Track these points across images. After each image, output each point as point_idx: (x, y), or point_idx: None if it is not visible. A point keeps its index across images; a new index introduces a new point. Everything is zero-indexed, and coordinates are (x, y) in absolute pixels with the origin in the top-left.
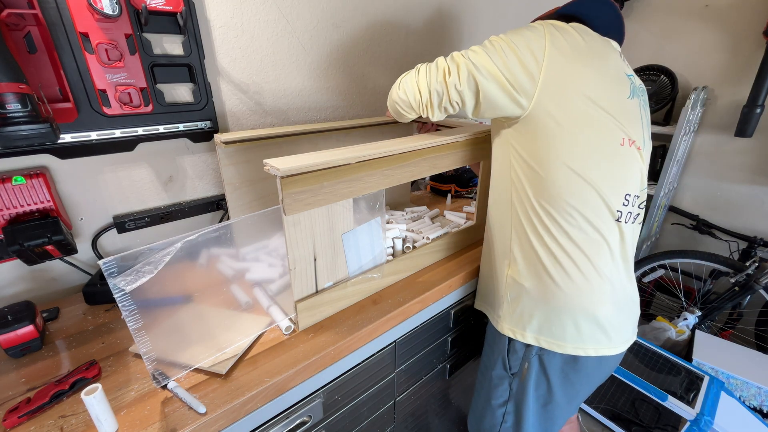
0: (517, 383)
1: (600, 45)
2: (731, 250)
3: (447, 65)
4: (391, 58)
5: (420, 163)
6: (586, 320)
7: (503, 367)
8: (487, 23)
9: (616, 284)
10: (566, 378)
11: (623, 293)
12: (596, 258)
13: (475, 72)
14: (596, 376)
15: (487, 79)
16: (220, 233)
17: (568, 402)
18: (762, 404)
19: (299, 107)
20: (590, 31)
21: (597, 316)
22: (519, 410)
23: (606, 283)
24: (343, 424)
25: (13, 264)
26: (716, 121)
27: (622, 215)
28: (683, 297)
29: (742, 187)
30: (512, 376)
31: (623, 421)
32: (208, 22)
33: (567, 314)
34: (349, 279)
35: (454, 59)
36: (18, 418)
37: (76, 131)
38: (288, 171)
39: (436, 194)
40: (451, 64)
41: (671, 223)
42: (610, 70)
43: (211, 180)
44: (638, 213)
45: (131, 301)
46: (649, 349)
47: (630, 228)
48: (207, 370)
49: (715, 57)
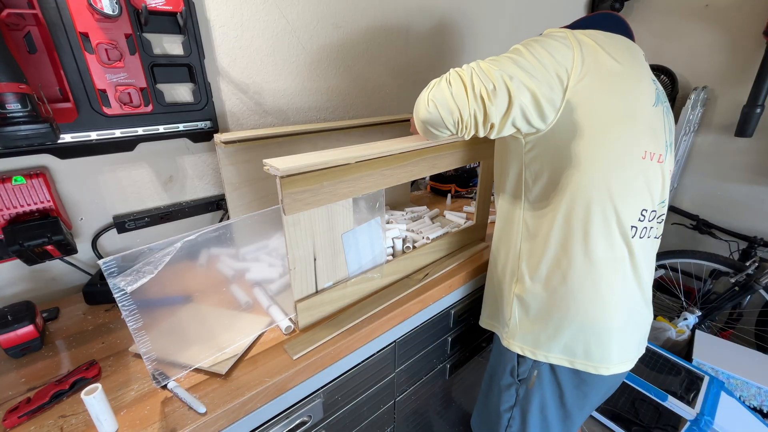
0: (524, 390)
1: (627, 51)
2: (731, 250)
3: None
4: (391, 58)
5: (420, 163)
6: (596, 337)
7: (511, 375)
8: (487, 21)
9: (629, 301)
10: (578, 388)
11: (635, 309)
12: (608, 275)
13: (510, 86)
14: (607, 387)
15: (522, 95)
16: (220, 233)
17: (579, 409)
18: (762, 404)
19: (299, 107)
20: (615, 36)
21: (608, 333)
22: (524, 416)
23: (617, 300)
24: (343, 424)
25: (13, 264)
26: (716, 121)
27: (637, 231)
28: (683, 297)
29: (742, 187)
30: (519, 382)
31: (623, 421)
32: (208, 22)
33: (576, 332)
34: (349, 279)
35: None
36: (18, 418)
37: (76, 131)
38: (288, 171)
39: (436, 194)
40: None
41: (671, 223)
42: (638, 77)
43: (211, 180)
44: (653, 227)
45: (131, 301)
46: (649, 349)
47: (643, 243)
48: (207, 370)
49: (715, 57)
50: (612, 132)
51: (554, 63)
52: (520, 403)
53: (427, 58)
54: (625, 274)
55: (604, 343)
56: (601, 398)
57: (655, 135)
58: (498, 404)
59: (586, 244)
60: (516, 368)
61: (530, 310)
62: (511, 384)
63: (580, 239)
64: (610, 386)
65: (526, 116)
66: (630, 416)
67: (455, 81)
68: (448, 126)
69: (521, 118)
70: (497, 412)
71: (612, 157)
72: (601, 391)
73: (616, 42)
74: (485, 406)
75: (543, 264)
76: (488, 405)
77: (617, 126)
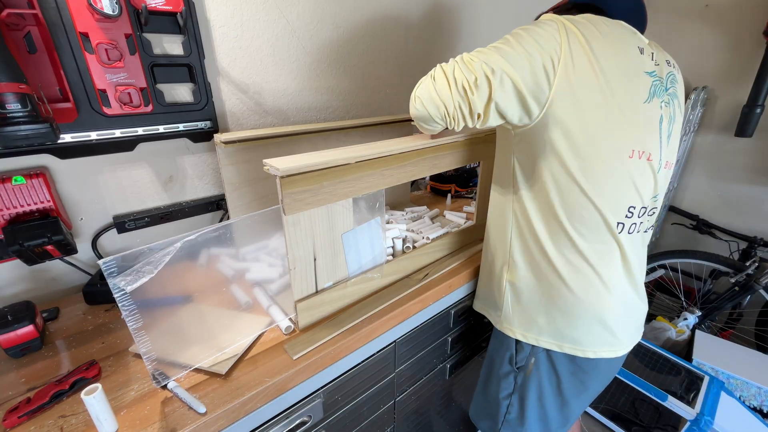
0: (522, 377)
1: (619, 41)
2: (731, 250)
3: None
4: (391, 58)
5: (420, 163)
6: (587, 323)
7: (510, 363)
8: (487, 20)
9: (618, 291)
10: (574, 375)
11: (626, 300)
12: (597, 265)
13: (491, 77)
14: (604, 374)
15: (503, 85)
16: (220, 233)
17: (576, 397)
18: (762, 404)
19: (299, 107)
20: (608, 24)
21: (600, 319)
22: (522, 402)
23: (606, 290)
24: (343, 424)
25: (13, 264)
26: (716, 121)
27: (624, 227)
28: (683, 297)
29: (742, 187)
30: (518, 370)
31: (623, 421)
32: (208, 22)
33: (567, 317)
34: (349, 279)
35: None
36: (18, 418)
37: (76, 131)
38: (288, 171)
39: (436, 194)
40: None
41: (671, 223)
42: (628, 72)
43: (211, 180)
44: (643, 222)
45: (131, 301)
46: (649, 349)
47: (632, 238)
48: (207, 370)
49: (715, 57)
50: (596, 130)
51: (541, 53)
52: (518, 390)
53: (428, 57)
54: (615, 266)
55: (591, 329)
56: (598, 387)
57: (645, 133)
58: (497, 392)
59: (572, 237)
60: (514, 356)
61: (522, 296)
62: (510, 372)
63: (566, 232)
64: (606, 375)
65: (507, 106)
66: (630, 416)
67: (439, 77)
68: (437, 120)
69: (504, 107)
70: (496, 400)
71: (595, 155)
72: (598, 379)
73: (609, 31)
74: (483, 394)
75: (534, 253)
76: (487, 393)
77: (602, 124)
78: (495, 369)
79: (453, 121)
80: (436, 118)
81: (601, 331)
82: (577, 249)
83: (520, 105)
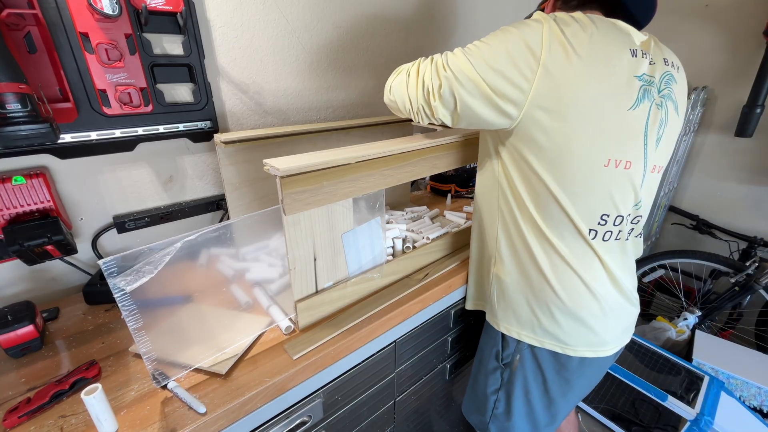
0: (508, 373)
1: (608, 42)
2: (731, 250)
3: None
4: (391, 58)
5: (420, 163)
6: (569, 320)
7: (496, 358)
8: (487, 19)
9: (600, 295)
10: (559, 373)
11: (610, 302)
12: (578, 268)
13: (455, 84)
14: (590, 374)
15: (469, 91)
16: (220, 233)
17: (563, 397)
18: (762, 404)
19: (299, 107)
20: (600, 22)
21: (580, 318)
22: (509, 398)
23: (587, 291)
24: (343, 424)
25: (13, 264)
26: (716, 121)
27: (598, 234)
28: (683, 297)
29: (742, 187)
30: (504, 366)
31: (623, 421)
32: (208, 22)
33: (548, 313)
34: (349, 279)
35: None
36: (18, 418)
37: (76, 131)
38: (288, 171)
39: (436, 194)
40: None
41: (671, 223)
42: (614, 76)
43: (211, 180)
44: (622, 230)
45: (131, 301)
46: (649, 349)
47: (610, 245)
48: (207, 370)
49: (715, 57)
50: (569, 140)
51: (521, 59)
52: (505, 386)
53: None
54: (595, 269)
55: (572, 327)
56: (585, 387)
57: (625, 141)
58: (485, 387)
59: (551, 240)
60: (500, 352)
61: (507, 290)
62: (496, 368)
63: (545, 235)
64: (592, 375)
65: (479, 111)
66: (630, 416)
67: (413, 73)
68: (404, 113)
69: (477, 111)
70: (484, 394)
71: (567, 164)
72: (584, 378)
73: (599, 36)
74: (474, 389)
75: (518, 249)
76: (476, 388)
77: (577, 134)
78: (484, 364)
79: (417, 116)
80: (403, 110)
81: (583, 330)
82: (558, 251)
83: (494, 110)
